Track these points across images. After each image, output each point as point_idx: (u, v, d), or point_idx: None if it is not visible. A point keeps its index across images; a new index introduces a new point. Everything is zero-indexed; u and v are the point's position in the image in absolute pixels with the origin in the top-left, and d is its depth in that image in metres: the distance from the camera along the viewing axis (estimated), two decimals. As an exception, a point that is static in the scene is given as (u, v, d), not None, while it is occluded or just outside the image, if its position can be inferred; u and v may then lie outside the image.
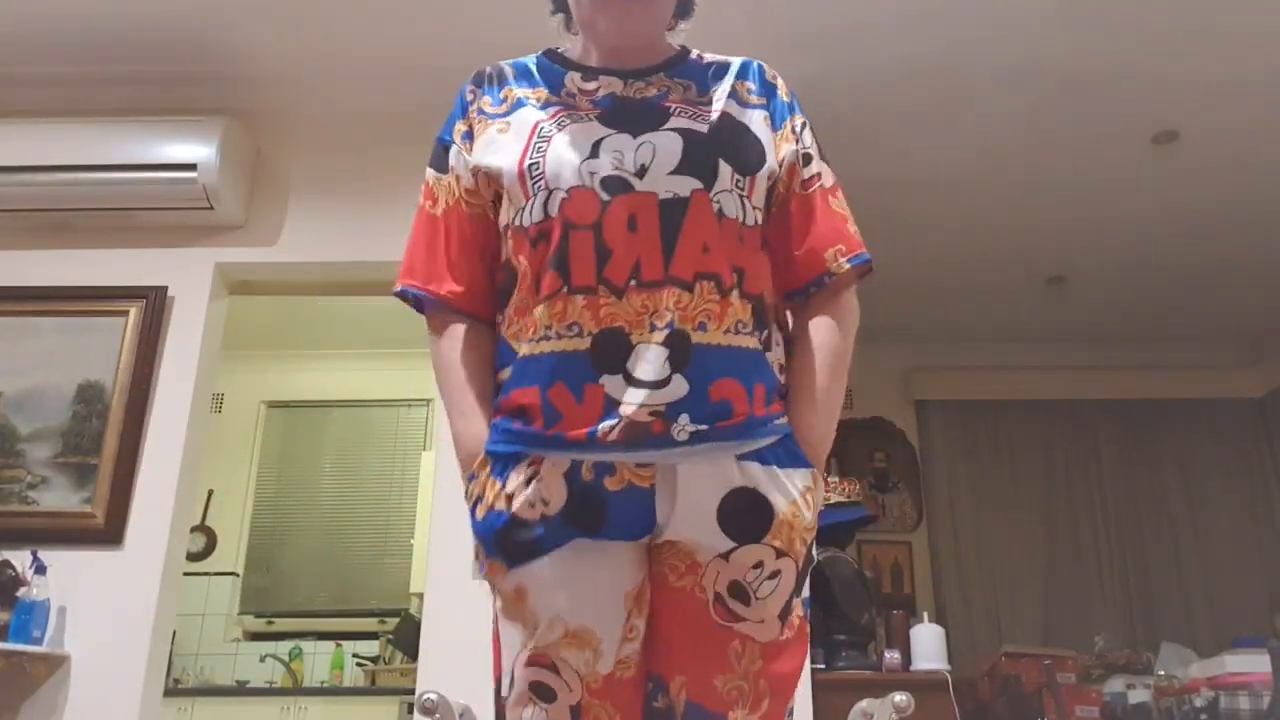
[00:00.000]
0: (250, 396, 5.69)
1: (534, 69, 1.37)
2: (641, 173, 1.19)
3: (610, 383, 1.14)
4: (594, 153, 1.21)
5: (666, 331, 1.14)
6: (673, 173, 1.20)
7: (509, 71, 1.38)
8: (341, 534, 5.52)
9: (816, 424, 1.24)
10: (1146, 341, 5.47)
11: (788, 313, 1.35)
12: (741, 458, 1.17)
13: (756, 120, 1.31)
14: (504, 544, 1.18)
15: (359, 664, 5.16)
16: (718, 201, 1.20)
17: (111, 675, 2.88)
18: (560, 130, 1.25)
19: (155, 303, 3.26)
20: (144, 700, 2.89)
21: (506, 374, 1.24)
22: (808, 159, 1.33)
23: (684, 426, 1.14)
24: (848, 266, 1.29)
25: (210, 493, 5.40)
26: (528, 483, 1.17)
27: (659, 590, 1.21)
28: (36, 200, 3.27)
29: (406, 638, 4.85)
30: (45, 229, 3.38)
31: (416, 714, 2.22)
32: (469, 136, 1.33)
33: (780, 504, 1.17)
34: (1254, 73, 3.42)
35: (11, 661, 2.80)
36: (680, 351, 1.15)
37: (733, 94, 1.32)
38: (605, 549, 1.17)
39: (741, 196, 1.23)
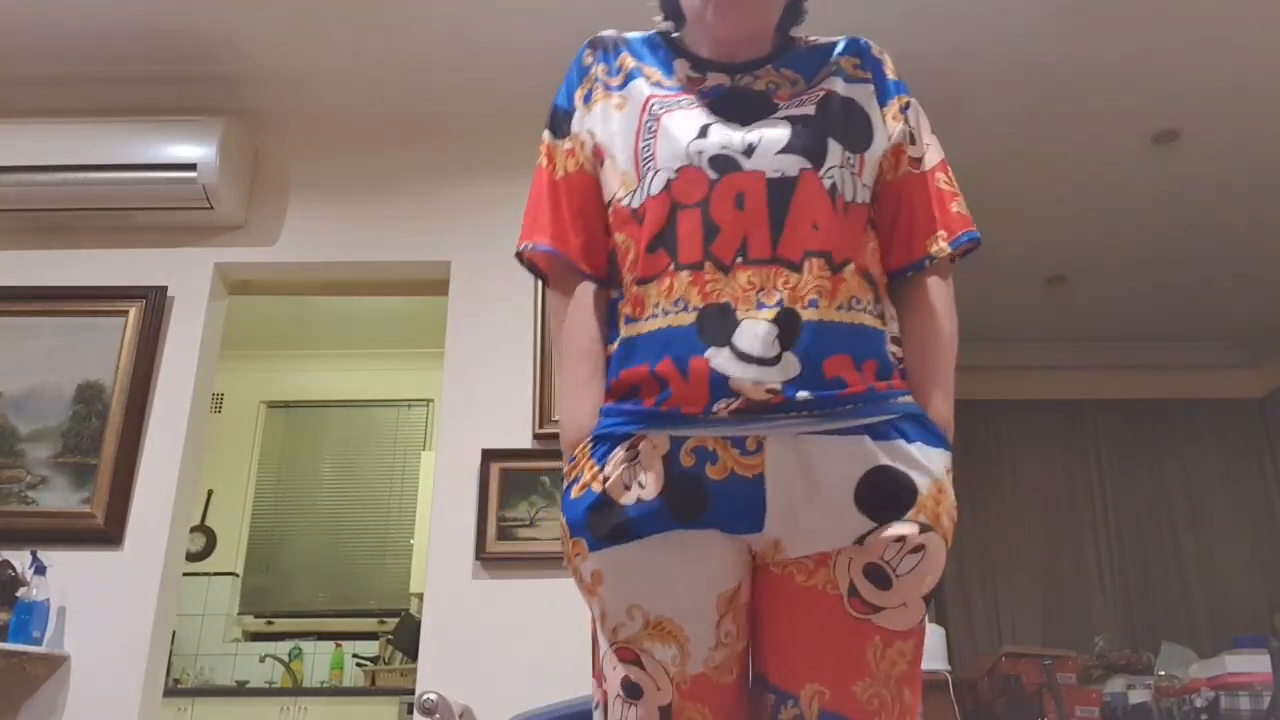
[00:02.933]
0: (250, 396, 5.70)
1: (646, 45, 1.36)
2: (749, 151, 1.18)
3: (716, 355, 1.10)
4: (702, 134, 1.20)
5: (776, 309, 1.11)
6: (781, 152, 1.18)
7: (623, 42, 1.37)
8: (341, 534, 5.52)
9: (944, 406, 1.22)
10: (1146, 341, 5.48)
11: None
12: (876, 435, 1.11)
13: (864, 95, 1.30)
14: (591, 523, 1.14)
15: (359, 664, 5.16)
16: (829, 178, 1.19)
17: (111, 675, 2.88)
18: (669, 112, 1.24)
19: (155, 303, 3.25)
20: (144, 700, 2.89)
21: (613, 349, 1.22)
22: (913, 138, 1.32)
23: (805, 397, 1.09)
24: (947, 250, 1.28)
25: (210, 493, 5.41)
26: (625, 464, 1.13)
27: (783, 593, 1.14)
28: (36, 200, 3.26)
29: (406, 638, 4.86)
30: (45, 229, 3.38)
31: (416, 714, 2.22)
32: (588, 100, 1.32)
33: (923, 483, 1.11)
34: (1254, 73, 3.42)
35: (11, 661, 2.80)
36: (789, 328, 1.11)
37: (838, 71, 1.31)
38: (701, 544, 1.11)
39: (852, 174, 1.22)
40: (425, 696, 1.83)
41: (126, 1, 3.15)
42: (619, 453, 1.13)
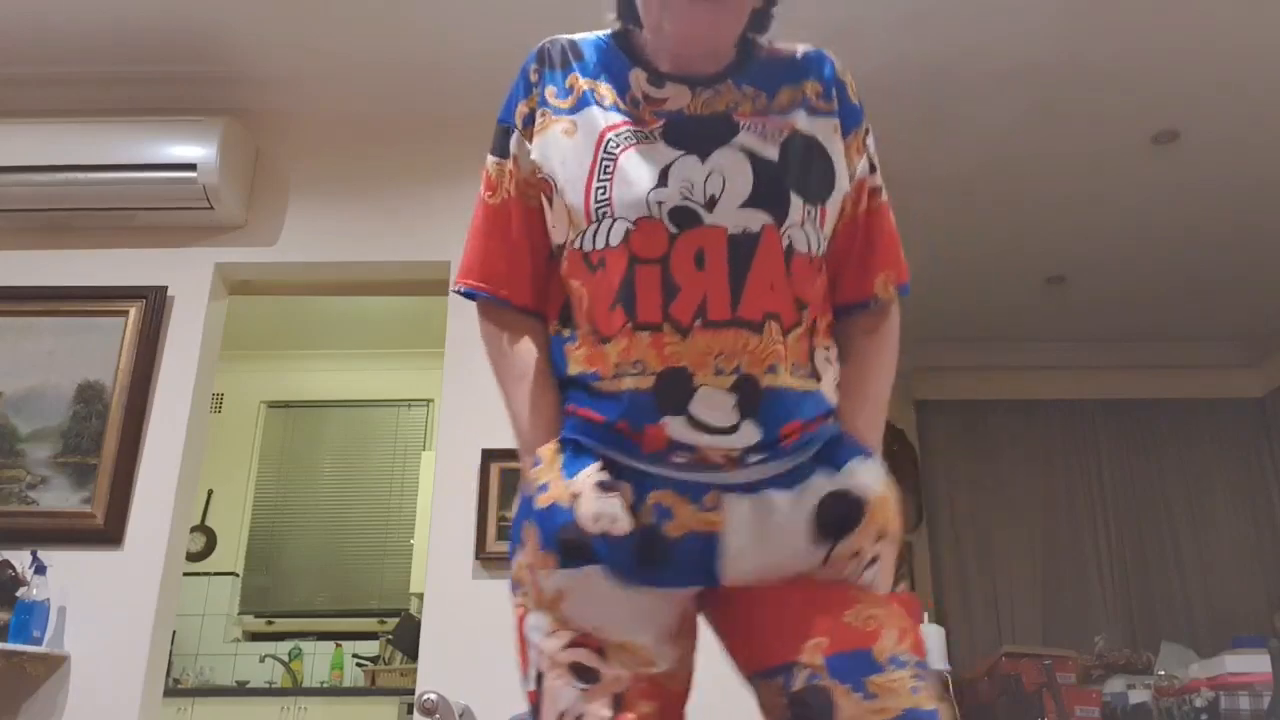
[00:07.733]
0: (250, 396, 5.70)
1: (601, 54, 1.30)
2: (711, 204, 1.15)
3: (673, 424, 1.11)
4: (662, 180, 1.16)
5: (734, 377, 1.11)
6: (744, 205, 1.16)
7: (574, 54, 1.30)
8: (341, 534, 5.52)
9: (864, 414, 1.23)
10: (1146, 341, 5.47)
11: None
12: (818, 467, 1.15)
13: (826, 131, 1.26)
14: (563, 541, 1.14)
15: (359, 664, 5.16)
16: (787, 237, 1.16)
17: (111, 675, 2.88)
18: (626, 149, 1.19)
19: (155, 303, 3.25)
20: (144, 700, 2.89)
21: (570, 392, 1.22)
22: (873, 166, 1.31)
23: (758, 459, 1.13)
24: (893, 294, 1.30)
25: (210, 493, 5.41)
26: (596, 491, 1.14)
27: (758, 593, 1.16)
28: (36, 200, 3.27)
29: (406, 638, 4.86)
30: (45, 229, 3.38)
31: (416, 714, 2.22)
32: (530, 122, 1.27)
33: (872, 496, 1.15)
34: (1254, 73, 3.42)
35: (11, 661, 2.80)
36: (750, 397, 1.11)
37: (802, 101, 1.27)
38: (655, 591, 1.15)
39: (813, 227, 1.19)
40: (425, 696, 1.83)
41: (126, 1, 3.15)
42: (591, 471, 1.14)
